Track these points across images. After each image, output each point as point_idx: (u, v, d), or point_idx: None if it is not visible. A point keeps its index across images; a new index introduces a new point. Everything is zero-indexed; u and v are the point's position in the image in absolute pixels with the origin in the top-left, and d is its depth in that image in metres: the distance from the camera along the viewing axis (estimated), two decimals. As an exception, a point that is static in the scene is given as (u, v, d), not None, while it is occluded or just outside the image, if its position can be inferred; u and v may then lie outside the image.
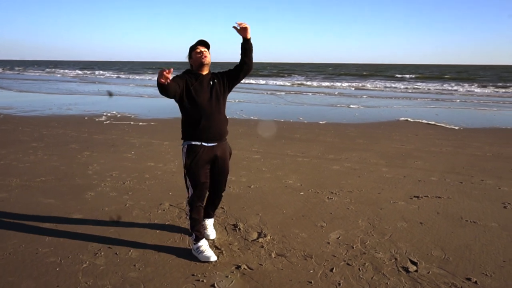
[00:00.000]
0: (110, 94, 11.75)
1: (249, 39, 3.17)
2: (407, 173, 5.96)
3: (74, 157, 6.58)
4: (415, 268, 3.15)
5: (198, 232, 3.27)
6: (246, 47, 3.19)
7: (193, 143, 3.17)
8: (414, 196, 4.89)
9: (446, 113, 14.30)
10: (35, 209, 4.24)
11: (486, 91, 26.42)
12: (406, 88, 28.30)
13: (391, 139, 8.87)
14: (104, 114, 12.19)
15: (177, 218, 4.09)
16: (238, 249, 3.43)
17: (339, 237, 3.72)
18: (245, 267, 3.12)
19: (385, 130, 10.22)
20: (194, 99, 3.12)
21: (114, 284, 2.84)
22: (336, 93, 23.71)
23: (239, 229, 3.85)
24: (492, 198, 4.86)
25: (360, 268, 3.13)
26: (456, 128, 10.62)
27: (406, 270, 3.12)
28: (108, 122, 10.70)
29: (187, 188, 3.29)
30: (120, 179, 5.37)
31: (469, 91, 26.14)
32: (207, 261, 3.17)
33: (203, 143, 3.17)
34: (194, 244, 3.28)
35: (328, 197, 4.83)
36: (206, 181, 3.25)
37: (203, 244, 3.27)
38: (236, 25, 3.09)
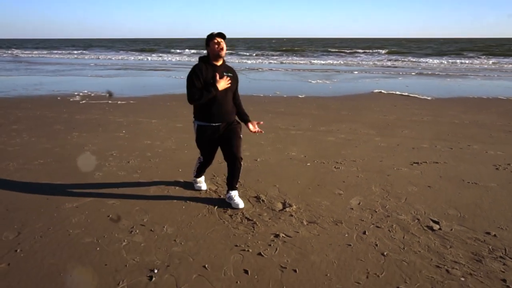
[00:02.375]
0: (110, 94, 11.39)
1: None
2: (399, 142, 6.25)
3: (64, 139, 6.34)
4: (438, 226, 3.39)
5: (199, 175, 4.12)
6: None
7: (203, 123, 3.64)
8: (414, 163, 5.16)
9: (415, 84, 14.88)
10: (47, 192, 4.10)
11: (444, 62, 27.60)
12: (375, 63, 28.91)
13: (373, 110, 9.18)
14: (77, 93, 11.68)
15: (197, 193, 4.10)
16: (269, 219, 3.52)
17: (360, 203, 3.89)
18: (283, 235, 3.22)
19: (363, 102, 10.53)
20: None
21: (162, 259, 2.85)
22: (291, 69, 23.92)
23: (263, 200, 3.93)
24: (483, 161, 5.22)
25: (390, 230, 3.33)
26: (429, 98, 11.12)
27: (431, 228, 3.35)
28: (84, 101, 10.29)
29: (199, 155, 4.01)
30: (122, 158, 5.26)
31: (428, 63, 27.20)
32: (199, 189, 4.12)
33: (211, 124, 3.62)
34: (194, 177, 4.16)
35: (335, 167, 4.99)
36: (213, 154, 3.88)
37: (201, 180, 4.18)
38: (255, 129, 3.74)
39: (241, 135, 3.75)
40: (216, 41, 3.43)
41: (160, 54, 40.63)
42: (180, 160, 5.22)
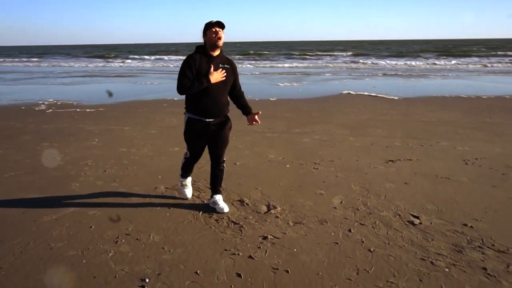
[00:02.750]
0: (110, 94, 11.05)
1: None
2: (373, 141, 6.43)
3: (34, 149, 6.11)
4: (418, 221, 3.52)
5: (185, 175, 3.99)
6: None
7: (194, 116, 3.44)
8: (389, 160, 5.33)
9: (382, 85, 15.33)
10: (22, 205, 3.94)
11: (408, 63, 28.59)
12: (340, 65, 29.54)
13: (344, 111, 9.39)
14: (42, 102, 11.27)
15: (180, 200, 4.06)
16: (256, 221, 3.54)
17: (342, 201, 3.98)
18: (271, 236, 3.25)
19: (334, 103, 10.75)
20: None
21: (152, 268, 2.81)
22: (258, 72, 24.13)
23: (247, 203, 3.95)
24: (453, 157, 5.46)
25: (373, 226, 3.42)
26: (396, 98, 11.50)
27: (412, 223, 3.47)
28: (51, 110, 9.95)
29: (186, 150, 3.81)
30: (99, 168, 5.13)
31: (391, 64, 28.10)
32: (185, 197, 4.03)
33: (202, 118, 3.41)
34: (181, 179, 4.03)
35: (314, 168, 5.08)
36: (201, 151, 3.68)
37: (187, 182, 4.05)
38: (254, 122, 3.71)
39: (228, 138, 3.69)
40: (214, 30, 3.22)
41: (124, 60, 39.83)
42: (159, 167, 5.15)
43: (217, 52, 3.34)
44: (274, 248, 3.07)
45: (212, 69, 3.26)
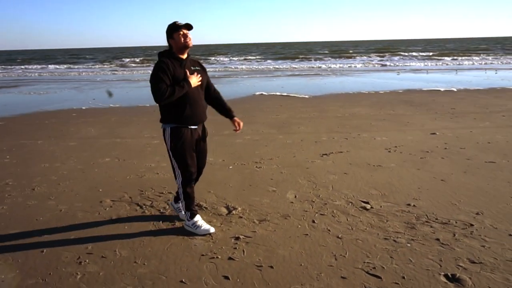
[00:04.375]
0: (110, 94, 9.57)
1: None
2: (301, 138, 6.78)
3: None
4: (369, 206, 3.84)
5: (193, 210, 3.37)
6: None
7: (178, 125, 3.15)
8: (323, 154, 5.69)
9: (288, 85, 16.12)
10: None
11: (306, 65, 30.43)
12: (242, 68, 30.14)
13: (263, 111, 9.70)
14: None
15: (132, 210, 3.85)
16: (221, 224, 3.53)
17: (295, 196, 4.16)
18: (243, 236, 3.27)
19: (251, 103, 11.03)
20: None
21: (132, 284, 2.64)
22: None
23: (205, 207, 3.90)
24: (376, 147, 6.04)
25: (333, 215, 3.65)
26: (306, 96, 12.22)
27: (365, 208, 3.79)
28: None
29: (175, 172, 3.25)
30: (24, 186, 4.59)
31: (294, 66, 29.67)
32: (207, 233, 3.30)
33: (188, 126, 3.18)
34: (189, 220, 3.36)
35: (256, 166, 5.20)
36: (194, 161, 3.28)
37: (199, 219, 3.38)
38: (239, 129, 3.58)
39: None
40: (182, 32, 3.05)
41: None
42: (95, 180, 4.79)
43: (185, 55, 3.17)
44: (250, 247, 3.11)
45: (188, 72, 3.07)
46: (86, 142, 6.84)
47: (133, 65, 36.69)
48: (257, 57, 43.63)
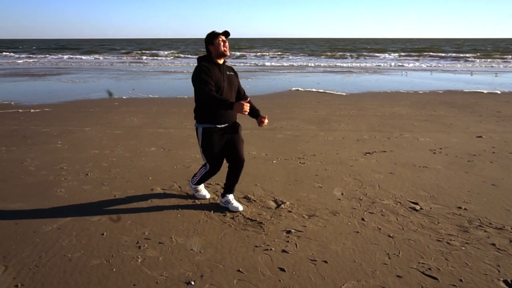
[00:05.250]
0: (110, 93, 10.10)
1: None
2: (342, 135, 6.75)
3: (-9, 155, 5.53)
4: (419, 207, 3.81)
5: (200, 183, 3.93)
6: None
7: (208, 126, 3.45)
8: (367, 153, 5.65)
9: (324, 81, 16.00)
10: (8, 216, 3.58)
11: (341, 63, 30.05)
12: (272, 64, 30.12)
13: (301, 107, 9.69)
14: (-29, 103, 10.13)
15: (185, 200, 3.97)
16: (271, 217, 3.59)
17: (342, 193, 4.17)
18: (294, 230, 3.32)
19: (288, 99, 11.02)
20: (218, 89, 3.36)
21: (191, 270, 2.74)
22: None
23: (254, 200, 3.97)
24: (420, 148, 5.94)
25: (382, 214, 3.64)
26: (343, 94, 12.10)
27: (414, 209, 3.76)
28: (-13, 112, 9.00)
29: (205, 162, 3.70)
30: (79, 171, 4.80)
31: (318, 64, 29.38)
32: (202, 198, 3.96)
33: (218, 125, 3.45)
34: (194, 186, 3.95)
35: (300, 162, 5.23)
36: (221, 160, 3.64)
37: (201, 187, 4.00)
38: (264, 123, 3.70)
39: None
40: (221, 39, 3.36)
41: (46, 56, 37.02)
42: (144, 168, 4.95)
43: (222, 60, 3.45)
44: (302, 241, 3.15)
45: (245, 105, 3.13)
46: (131, 131, 7.06)
47: (162, 58, 37.16)
48: (286, 52, 43.36)
